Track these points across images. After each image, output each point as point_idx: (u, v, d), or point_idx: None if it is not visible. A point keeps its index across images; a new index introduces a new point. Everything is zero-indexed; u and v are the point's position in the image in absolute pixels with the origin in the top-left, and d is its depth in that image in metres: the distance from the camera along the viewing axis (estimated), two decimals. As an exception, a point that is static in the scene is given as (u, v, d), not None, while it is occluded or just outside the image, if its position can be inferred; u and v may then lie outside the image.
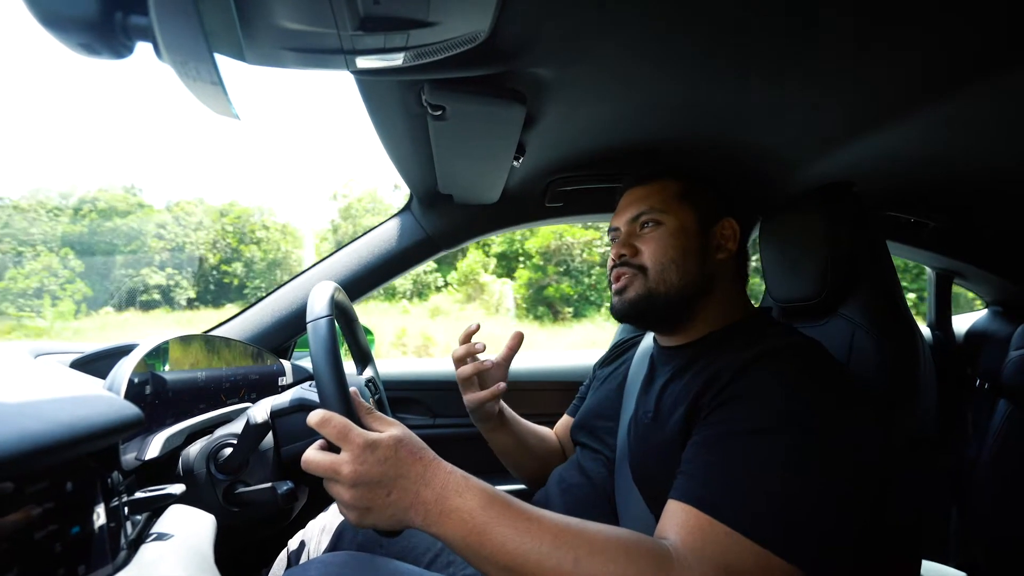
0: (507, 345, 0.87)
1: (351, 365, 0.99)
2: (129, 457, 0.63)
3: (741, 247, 0.78)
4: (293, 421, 0.75)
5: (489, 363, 0.86)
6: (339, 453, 0.52)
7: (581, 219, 1.31)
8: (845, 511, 0.52)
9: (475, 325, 0.86)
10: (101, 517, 0.47)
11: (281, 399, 0.77)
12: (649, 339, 0.89)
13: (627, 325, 0.95)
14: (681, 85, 0.73)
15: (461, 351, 0.84)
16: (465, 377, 0.85)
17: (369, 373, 1.00)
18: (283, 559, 0.85)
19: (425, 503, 0.51)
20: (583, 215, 1.27)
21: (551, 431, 1.04)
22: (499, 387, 0.84)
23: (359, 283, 1.17)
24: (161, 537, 0.54)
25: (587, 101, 0.78)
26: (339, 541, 0.82)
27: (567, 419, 1.05)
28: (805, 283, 0.82)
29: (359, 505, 0.51)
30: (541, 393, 1.45)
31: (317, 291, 0.63)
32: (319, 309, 0.60)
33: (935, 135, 0.85)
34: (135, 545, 0.51)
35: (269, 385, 1.05)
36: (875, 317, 0.74)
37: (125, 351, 0.75)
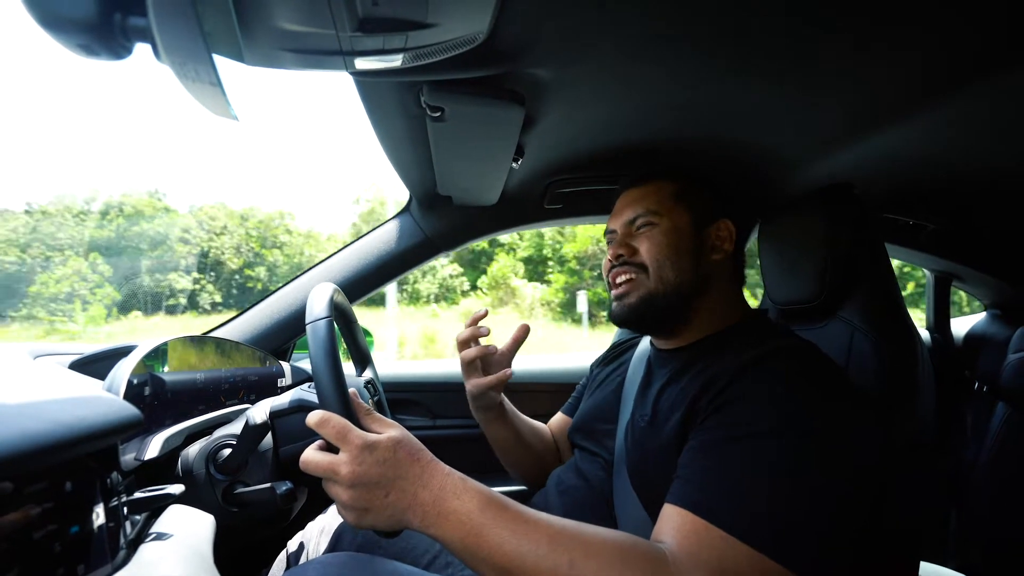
0: (512, 336, 0.87)
1: (350, 367, 0.99)
2: (128, 457, 0.63)
3: (738, 249, 0.78)
4: (292, 422, 0.76)
5: (494, 348, 0.85)
6: (338, 454, 0.52)
7: (580, 221, 1.31)
8: (843, 514, 0.52)
9: (483, 310, 0.86)
10: (100, 517, 0.47)
11: (280, 400, 0.77)
12: (646, 342, 0.89)
13: None
14: (681, 85, 0.73)
15: (466, 334, 0.84)
16: (469, 360, 0.84)
17: (368, 375, 1.00)
18: (282, 560, 0.84)
19: (423, 504, 0.51)
20: (582, 217, 1.27)
21: (547, 427, 1.04)
22: (505, 373, 0.84)
23: (358, 285, 1.17)
24: (160, 537, 0.54)
25: (586, 102, 0.78)
26: (338, 542, 0.82)
27: (562, 417, 1.04)
28: (804, 285, 0.82)
29: (357, 506, 0.51)
30: (536, 395, 1.45)
31: (316, 293, 0.63)
32: (318, 311, 0.60)
33: (935, 135, 0.85)
34: (134, 545, 0.51)
35: (268, 386, 1.05)
36: (874, 320, 0.74)
37: (124, 352, 0.75)
